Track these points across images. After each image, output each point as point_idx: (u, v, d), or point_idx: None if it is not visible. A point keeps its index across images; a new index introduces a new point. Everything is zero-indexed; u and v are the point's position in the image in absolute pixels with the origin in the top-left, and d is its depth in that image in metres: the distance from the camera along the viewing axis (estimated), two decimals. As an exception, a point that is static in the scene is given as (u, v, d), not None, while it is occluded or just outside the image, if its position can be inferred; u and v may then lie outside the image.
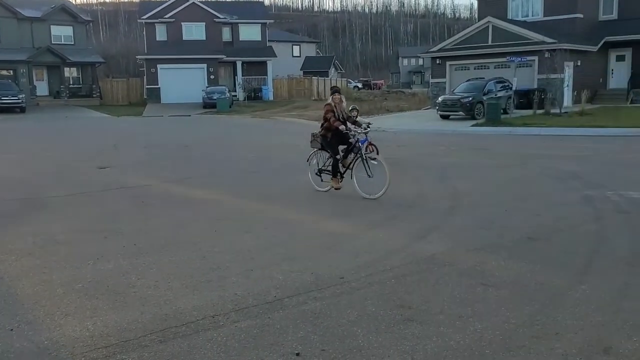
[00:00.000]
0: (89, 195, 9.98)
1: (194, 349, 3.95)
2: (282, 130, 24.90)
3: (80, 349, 3.98)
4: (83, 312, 4.64)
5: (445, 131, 22.57)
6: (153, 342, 4.06)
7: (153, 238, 6.94)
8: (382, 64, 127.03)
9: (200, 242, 6.71)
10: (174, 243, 6.69)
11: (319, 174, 9.78)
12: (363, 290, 5.06)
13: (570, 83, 29.63)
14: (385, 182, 8.70)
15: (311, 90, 50.16)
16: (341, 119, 9.34)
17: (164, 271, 5.64)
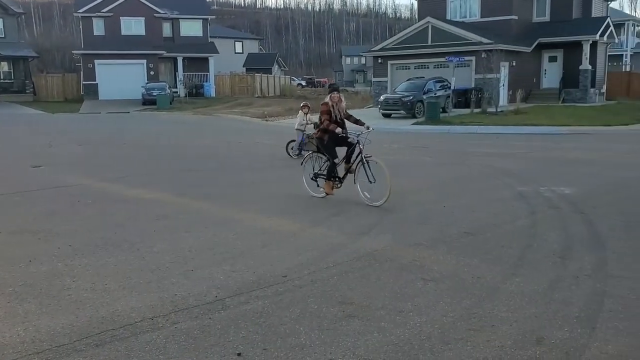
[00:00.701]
0: (21, 195, 9.56)
1: (132, 352, 3.84)
2: (225, 128, 24.62)
3: (11, 356, 3.80)
4: (13, 317, 4.44)
5: (386, 129, 22.87)
6: (88, 347, 3.92)
7: (89, 238, 6.71)
8: (325, 62, 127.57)
9: (138, 242, 6.54)
10: (112, 243, 6.49)
11: (315, 178, 9.10)
12: (305, 288, 5.06)
13: (506, 83, 30.65)
14: (386, 187, 8.13)
15: (254, 87, 49.82)
16: (339, 120, 8.65)
17: (101, 273, 5.47)
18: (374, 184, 8.28)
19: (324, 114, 8.60)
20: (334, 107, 8.61)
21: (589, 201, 8.62)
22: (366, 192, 8.46)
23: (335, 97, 8.63)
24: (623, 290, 4.96)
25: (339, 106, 8.69)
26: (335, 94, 8.66)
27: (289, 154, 14.20)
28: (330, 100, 8.62)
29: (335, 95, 8.65)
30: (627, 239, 6.58)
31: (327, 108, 8.61)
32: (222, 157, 14.49)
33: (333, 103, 8.60)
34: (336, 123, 8.59)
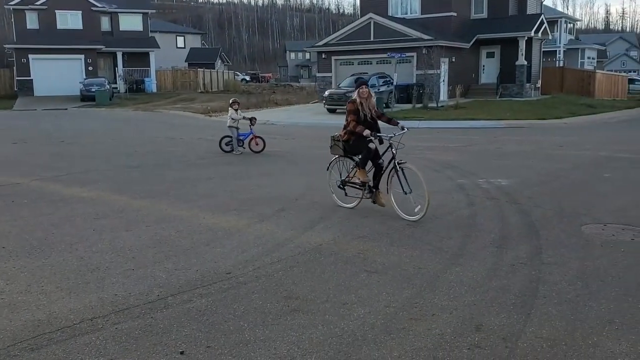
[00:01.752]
0: (-52, 197, 9.10)
1: (70, 355, 3.73)
2: (167, 124, 24.15)
3: (-62, 364, 3.63)
4: (-59, 324, 4.23)
5: (331, 124, 22.97)
6: (24, 351, 3.79)
7: (24, 240, 6.46)
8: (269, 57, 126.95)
9: (76, 242, 6.35)
10: (48, 244, 6.27)
11: (343, 186, 8.00)
12: (250, 284, 5.04)
13: (446, 78, 31.37)
14: (423, 198, 6.99)
15: (197, 82, 49.03)
16: (370, 119, 7.47)
17: (37, 274, 5.28)
18: (411, 195, 7.12)
19: (350, 113, 7.45)
20: (362, 104, 7.42)
21: (524, 192, 8.95)
22: (400, 204, 7.33)
23: (363, 93, 7.42)
24: (556, 276, 5.18)
25: (369, 103, 7.50)
26: (363, 88, 7.44)
27: (222, 149, 14.07)
28: (359, 96, 7.42)
29: (364, 90, 7.43)
30: (559, 228, 6.86)
31: (354, 107, 7.42)
32: (164, 154, 14.21)
33: (361, 100, 7.42)
34: (365, 124, 7.42)
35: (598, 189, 9.30)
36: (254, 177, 10.71)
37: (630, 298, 4.67)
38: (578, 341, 3.92)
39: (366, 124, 7.45)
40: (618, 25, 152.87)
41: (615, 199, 8.49)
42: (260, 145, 14.13)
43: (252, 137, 14.15)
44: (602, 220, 7.16)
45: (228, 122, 14.09)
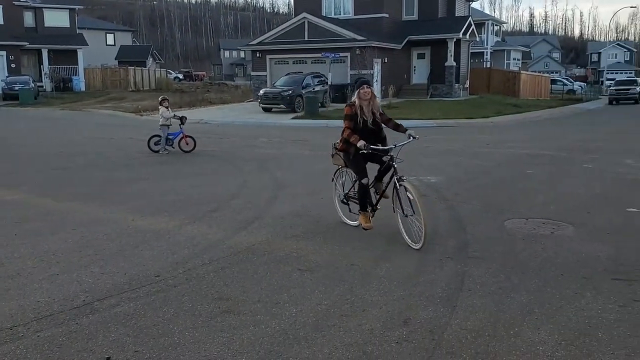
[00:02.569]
0: None
1: (-13, 367, 3.57)
2: (96, 123, 23.37)
3: None
4: None
5: (267, 123, 22.97)
6: (-64, 365, 3.59)
7: (-63, 247, 6.11)
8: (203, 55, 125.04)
9: (-4, 248, 6.05)
10: (-36, 251, 5.95)
11: (346, 201, 7.01)
12: (180, 286, 4.97)
13: (379, 78, 31.91)
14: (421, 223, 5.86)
15: (127, 80, 47.66)
16: (371, 125, 6.34)
17: (-49, 283, 5.01)
18: (414, 217, 6.01)
19: (346, 118, 6.33)
20: (362, 108, 6.27)
21: (452, 189, 9.24)
22: (404, 227, 6.27)
23: (365, 94, 6.26)
24: (481, 270, 5.38)
25: (373, 105, 6.36)
26: (365, 88, 6.27)
27: (151, 149, 13.77)
28: (359, 98, 6.27)
29: (366, 90, 6.27)
30: (484, 223, 7.13)
31: (351, 111, 6.28)
32: (92, 155, 13.74)
33: (362, 102, 6.28)
34: (365, 131, 6.29)
35: (521, 185, 9.72)
36: (187, 177, 10.53)
37: (549, 289, 4.91)
38: (500, 331, 4.09)
39: (366, 131, 6.27)
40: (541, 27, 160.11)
41: (537, 195, 8.90)
42: (190, 145, 13.91)
43: (182, 136, 13.91)
44: (524, 215, 7.50)
45: (160, 121, 13.78)
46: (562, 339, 3.96)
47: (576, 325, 4.19)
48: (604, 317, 4.32)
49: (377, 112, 6.36)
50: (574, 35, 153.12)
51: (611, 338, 3.98)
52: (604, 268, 5.43)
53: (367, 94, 6.26)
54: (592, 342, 3.91)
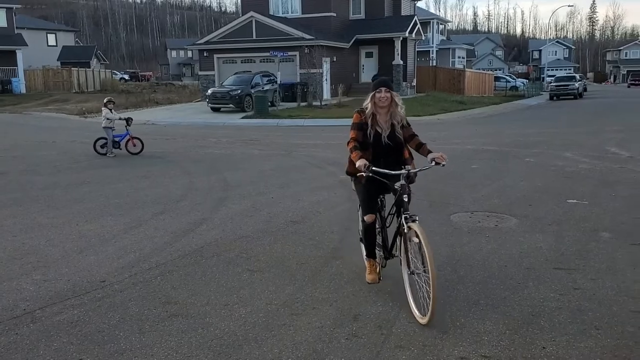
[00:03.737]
0: None
1: None
2: (37, 126, 22.57)
3: None
4: None
5: (216, 123, 22.72)
6: None
7: None
8: (150, 55, 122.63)
9: None
10: None
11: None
12: (126, 291, 4.85)
13: (328, 77, 32.03)
14: (428, 287, 4.12)
15: (71, 82, 46.23)
16: (386, 140, 4.65)
17: None
18: (422, 275, 4.27)
19: (352, 128, 4.72)
20: (374, 117, 4.64)
21: (402, 185, 9.35)
22: (410, 288, 4.51)
23: (382, 99, 4.57)
24: (428, 264, 5.46)
25: (393, 115, 4.65)
26: (382, 92, 4.56)
27: (97, 152, 13.45)
28: (373, 103, 4.61)
29: (383, 95, 4.56)
30: (431, 217, 7.24)
31: (359, 118, 4.69)
32: (33, 159, 13.27)
33: (377, 110, 4.62)
34: (379, 147, 4.64)
35: (466, 180, 9.94)
36: (133, 179, 10.30)
37: (493, 280, 5.05)
38: (447, 323, 4.17)
39: (380, 147, 4.62)
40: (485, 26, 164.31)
41: (482, 188, 9.12)
42: (138, 147, 13.61)
43: (129, 138, 13.60)
44: (469, 209, 7.67)
45: (103, 123, 13.42)
46: (506, 328, 4.08)
47: (520, 314, 4.32)
48: (545, 306, 4.46)
49: (397, 124, 4.61)
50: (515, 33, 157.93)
51: (553, 325, 4.11)
52: (546, 258, 5.61)
53: (385, 99, 4.52)
54: (535, 330, 4.04)
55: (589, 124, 20.80)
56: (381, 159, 4.60)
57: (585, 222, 6.94)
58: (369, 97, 4.62)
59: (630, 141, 15.12)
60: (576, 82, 41.53)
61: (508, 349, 3.78)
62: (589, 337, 3.91)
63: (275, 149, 14.60)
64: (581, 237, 6.34)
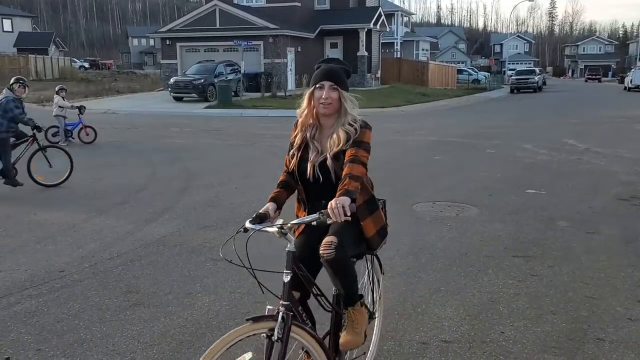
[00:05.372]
0: None
1: None
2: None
3: None
4: None
5: (178, 113, 22.40)
6: None
7: None
8: (110, 43, 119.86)
9: None
10: None
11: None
12: (86, 281, 4.76)
13: (293, 67, 31.91)
14: None
15: (28, 69, 44.86)
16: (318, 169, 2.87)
17: None
18: None
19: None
20: (314, 128, 2.96)
21: (365, 175, 9.41)
22: None
23: (325, 101, 2.84)
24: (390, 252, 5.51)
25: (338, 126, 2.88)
26: (326, 88, 2.84)
27: (48, 141, 13.11)
28: (310, 107, 2.92)
29: (326, 94, 2.84)
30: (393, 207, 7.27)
31: (293, 135, 3.08)
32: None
33: (313, 118, 2.94)
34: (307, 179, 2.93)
35: (429, 170, 10.08)
36: (91, 169, 10.08)
37: (454, 267, 5.14)
38: (409, 310, 4.24)
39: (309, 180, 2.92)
40: (448, 19, 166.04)
41: (444, 179, 9.26)
42: (91, 136, 13.32)
43: (82, 126, 13.30)
44: (432, 199, 7.79)
45: (54, 111, 13.09)
46: (466, 314, 4.16)
47: (479, 300, 4.42)
48: (504, 292, 4.58)
49: (342, 145, 2.81)
50: (478, 27, 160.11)
51: (511, 311, 4.22)
52: (505, 246, 5.74)
53: (330, 102, 2.82)
54: (494, 316, 4.14)
55: (547, 117, 21.31)
56: (322, 200, 2.82)
57: (543, 212, 7.12)
58: (305, 96, 2.89)
59: (587, 134, 15.55)
60: (536, 75, 42.45)
61: (468, 334, 3.87)
62: (545, 322, 4.03)
63: (239, 139, 14.50)
64: (539, 225, 6.51)
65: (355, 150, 2.78)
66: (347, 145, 2.80)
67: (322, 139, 2.92)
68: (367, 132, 2.89)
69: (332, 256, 2.63)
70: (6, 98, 8.24)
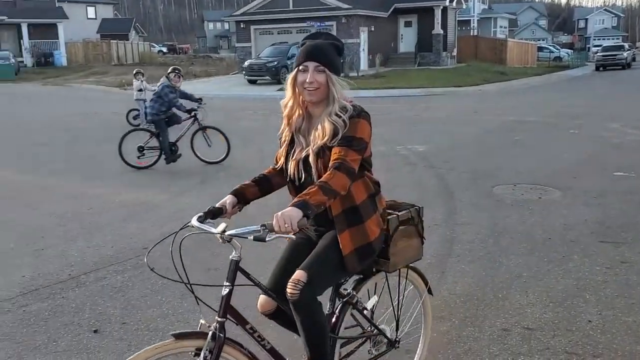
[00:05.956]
0: None
1: (-28, 342, 3.52)
2: (79, 98, 23.01)
3: None
4: None
5: (252, 96, 22.74)
6: None
7: None
8: (187, 28, 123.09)
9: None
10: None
11: None
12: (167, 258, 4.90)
13: (366, 47, 31.59)
14: None
15: (110, 54, 46.87)
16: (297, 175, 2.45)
17: None
18: None
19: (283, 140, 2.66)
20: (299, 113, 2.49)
21: (441, 156, 9.21)
22: None
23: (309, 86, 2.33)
24: (469, 235, 5.38)
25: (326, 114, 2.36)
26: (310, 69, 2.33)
27: (130, 123, 13.59)
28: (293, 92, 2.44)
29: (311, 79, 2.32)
30: (472, 189, 7.12)
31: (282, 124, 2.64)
32: (75, 130, 13.53)
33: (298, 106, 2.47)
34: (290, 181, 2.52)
35: (509, 152, 9.71)
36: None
37: (537, 252, 4.93)
38: (489, 295, 4.10)
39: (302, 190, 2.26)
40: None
41: (525, 160, 8.90)
42: None
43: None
44: (512, 181, 7.50)
45: (135, 95, 13.56)
46: (550, 301, 3.98)
47: (564, 287, 4.21)
48: (591, 279, 4.34)
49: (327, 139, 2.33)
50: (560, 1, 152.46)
51: (598, 299, 4.00)
52: (591, 231, 5.45)
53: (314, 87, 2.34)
54: (580, 304, 3.93)
55: (637, 95, 20.03)
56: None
57: (632, 195, 6.70)
58: (288, 82, 2.41)
59: (682, 112, 14.51)
60: (624, 51, 39.90)
61: (552, 321, 3.69)
62: (637, 312, 3.79)
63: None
64: (628, 210, 6.13)
65: (344, 151, 2.25)
66: (334, 140, 2.28)
67: (311, 131, 2.43)
68: (362, 123, 2.34)
69: (296, 297, 2.22)
70: (162, 85, 8.92)
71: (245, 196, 2.52)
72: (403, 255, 2.62)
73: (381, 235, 2.47)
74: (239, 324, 2.26)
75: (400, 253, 2.59)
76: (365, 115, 2.37)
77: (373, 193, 2.46)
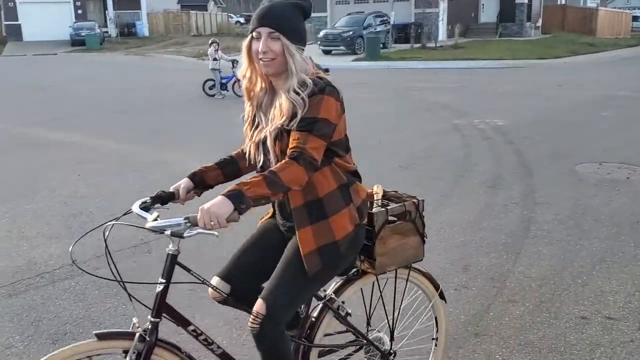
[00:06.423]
0: None
1: (48, 300, 3.66)
2: (158, 68, 23.66)
3: None
4: None
5: (327, 66, 22.56)
6: (1, 297, 3.71)
7: (7, 186, 6.34)
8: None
9: (60, 187, 6.22)
10: (31, 190, 6.15)
11: None
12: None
13: (445, 17, 30.56)
14: None
15: (189, 25, 47.88)
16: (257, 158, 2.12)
17: (18, 220, 5.18)
18: None
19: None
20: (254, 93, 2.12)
21: (520, 132, 8.77)
22: None
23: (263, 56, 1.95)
24: (548, 216, 5.08)
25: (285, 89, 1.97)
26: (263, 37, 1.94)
27: (206, 93, 13.79)
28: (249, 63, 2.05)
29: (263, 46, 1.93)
30: (553, 167, 6.73)
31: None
32: (153, 99, 13.92)
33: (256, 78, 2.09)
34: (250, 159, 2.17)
35: (595, 128, 9.12)
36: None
37: (623, 236, 4.59)
38: (567, 280, 3.85)
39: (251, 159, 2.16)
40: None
41: (612, 138, 8.32)
42: None
43: (236, 80, 13.82)
44: (598, 159, 7.02)
45: (210, 65, 13.74)
46: (635, 290, 3.69)
47: (653, 276, 3.89)
48: (684, 268, 3.99)
49: (284, 119, 1.95)
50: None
51: (692, 290, 3.66)
52: (686, 216, 5.01)
53: (269, 57, 1.94)
54: (671, 295, 3.62)
55: None
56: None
57: None
58: (243, 50, 2.04)
59: None
60: None
61: (637, 311, 3.41)
62: None
63: (386, 93, 14.24)
64: None
65: (303, 138, 1.88)
66: (292, 122, 1.90)
67: (263, 107, 2.10)
68: (325, 100, 1.96)
69: (256, 332, 1.96)
70: None
71: (204, 180, 2.26)
72: (396, 255, 2.27)
73: (357, 232, 2.07)
74: (179, 325, 1.99)
75: (392, 253, 2.25)
76: (331, 91, 1.98)
77: (345, 183, 2.07)
